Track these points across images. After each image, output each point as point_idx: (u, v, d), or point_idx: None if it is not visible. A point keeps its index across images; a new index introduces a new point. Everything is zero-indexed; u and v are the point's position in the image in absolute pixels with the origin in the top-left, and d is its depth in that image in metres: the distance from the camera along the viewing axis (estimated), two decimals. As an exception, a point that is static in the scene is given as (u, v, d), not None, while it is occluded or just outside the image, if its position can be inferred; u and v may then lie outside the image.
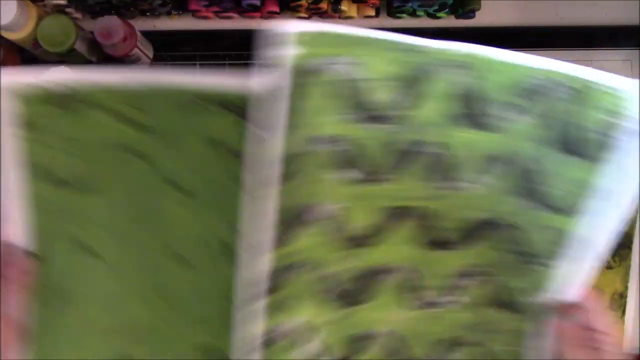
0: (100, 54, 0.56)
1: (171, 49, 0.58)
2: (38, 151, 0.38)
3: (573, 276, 0.37)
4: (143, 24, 0.58)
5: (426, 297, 0.40)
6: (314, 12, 0.56)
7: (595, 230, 0.36)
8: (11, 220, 0.37)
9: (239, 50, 0.58)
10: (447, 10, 0.56)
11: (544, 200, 0.36)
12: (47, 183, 0.39)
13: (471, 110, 0.35)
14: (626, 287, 0.55)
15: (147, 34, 0.56)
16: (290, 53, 0.32)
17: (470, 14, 0.57)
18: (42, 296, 0.39)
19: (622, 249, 0.55)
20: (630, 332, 0.55)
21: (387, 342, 0.42)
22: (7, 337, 0.36)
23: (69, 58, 0.52)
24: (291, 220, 0.37)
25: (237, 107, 0.39)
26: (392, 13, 0.57)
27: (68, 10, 0.54)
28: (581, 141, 0.36)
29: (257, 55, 0.36)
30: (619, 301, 0.55)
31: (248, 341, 0.43)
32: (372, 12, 0.57)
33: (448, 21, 0.58)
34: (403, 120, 0.34)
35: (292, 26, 0.31)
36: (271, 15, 0.57)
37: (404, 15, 0.57)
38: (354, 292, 0.40)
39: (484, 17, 0.58)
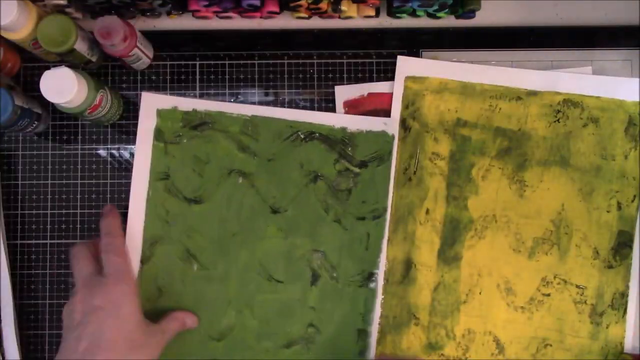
0: (100, 54, 0.56)
1: (171, 49, 0.58)
2: (166, 163, 0.46)
3: None
4: (143, 24, 0.58)
5: None
6: (314, 12, 0.56)
7: None
8: (131, 220, 0.45)
9: (239, 50, 0.58)
10: (447, 10, 0.56)
11: None
12: (168, 192, 0.48)
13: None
14: (627, 287, 0.55)
15: (147, 34, 0.56)
16: None
17: (470, 14, 0.57)
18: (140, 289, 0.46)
19: (622, 248, 0.55)
20: (631, 331, 0.55)
21: None
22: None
23: (69, 58, 0.52)
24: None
25: (327, 138, 0.51)
26: (392, 13, 0.57)
27: (68, 10, 0.54)
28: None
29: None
30: (620, 300, 0.55)
31: None
32: (372, 12, 0.57)
33: (448, 21, 0.58)
34: None
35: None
36: (271, 15, 0.57)
37: (404, 15, 0.57)
38: None
39: (484, 17, 0.58)
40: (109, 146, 0.57)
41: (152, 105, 0.49)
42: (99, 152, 0.57)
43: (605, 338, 0.55)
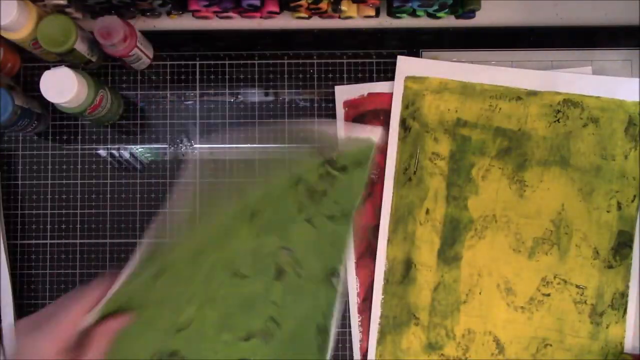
0: (100, 54, 0.56)
1: (171, 49, 0.58)
2: None
3: None
4: (143, 24, 0.58)
5: None
6: (314, 12, 0.56)
7: None
8: None
9: (239, 50, 0.58)
10: (447, 10, 0.56)
11: None
12: None
13: None
14: (627, 287, 0.55)
15: (147, 34, 0.56)
16: None
17: (470, 14, 0.57)
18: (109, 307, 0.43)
19: (622, 248, 0.55)
20: (631, 331, 0.55)
21: None
22: None
23: (69, 58, 0.52)
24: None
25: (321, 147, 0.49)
26: (392, 13, 0.57)
27: (68, 10, 0.54)
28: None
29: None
30: (620, 300, 0.55)
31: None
32: (372, 12, 0.57)
33: (448, 21, 0.58)
34: None
35: None
36: (271, 15, 0.57)
37: (404, 15, 0.57)
38: None
39: (484, 17, 0.58)
40: (109, 146, 0.57)
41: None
42: (99, 152, 0.57)
43: (605, 338, 0.55)
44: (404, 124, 0.56)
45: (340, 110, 0.57)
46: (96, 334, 0.41)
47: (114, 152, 0.57)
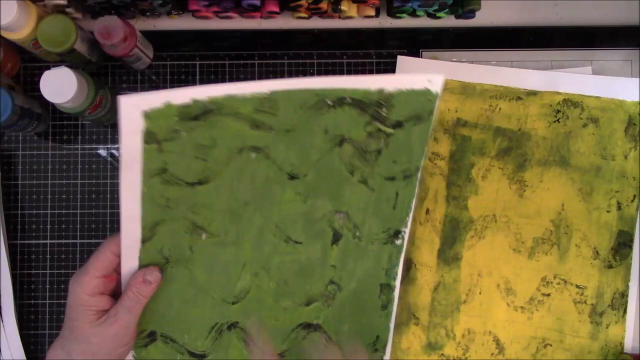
0: (100, 54, 0.56)
1: (171, 49, 0.58)
2: (162, 159, 0.41)
3: None
4: (143, 24, 0.58)
5: None
6: (314, 12, 0.56)
7: None
8: (125, 218, 0.42)
9: (239, 50, 0.58)
10: (447, 10, 0.56)
11: None
12: (166, 184, 0.42)
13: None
14: (627, 287, 0.55)
15: (147, 34, 0.56)
16: None
17: (470, 14, 0.57)
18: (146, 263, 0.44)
19: (622, 248, 0.55)
20: (631, 331, 0.55)
21: None
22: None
23: (69, 58, 0.52)
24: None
25: (360, 102, 0.45)
26: (392, 13, 0.57)
27: (68, 10, 0.54)
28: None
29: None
30: (620, 300, 0.55)
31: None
32: (372, 12, 0.57)
33: (448, 21, 0.58)
34: None
35: None
36: (271, 15, 0.57)
37: (404, 15, 0.57)
38: None
39: (484, 17, 0.58)
40: (109, 146, 0.57)
41: (135, 108, 0.39)
42: (99, 152, 0.57)
43: (605, 338, 0.55)
44: (404, 124, 0.56)
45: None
46: (130, 282, 0.42)
47: (114, 152, 0.57)
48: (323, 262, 0.47)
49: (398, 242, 0.49)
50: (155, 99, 0.40)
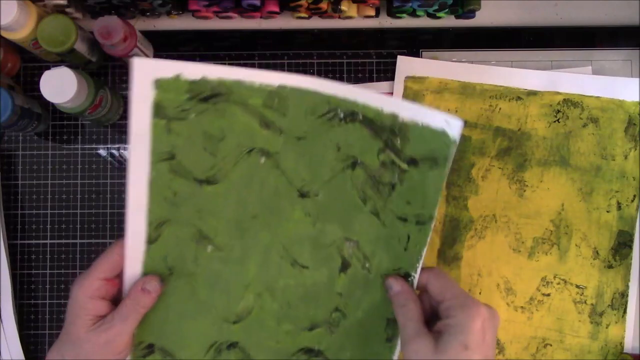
0: (100, 54, 0.56)
1: (171, 49, 0.58)
2: (170, 142, 0.39)
3: None
4: (143, 24, 0.58)
5: None
6: (314, 12, 0.56)
7: None
8: (132, 205, 0.39)
9: (239, 50, 0.58)
10: (447, 10, 0.56)
11: None
12: (174, 173, 0.41)
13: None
14: (627, 287, 0.55)
15: (147, 34, 0.56)
16: None
17: (470, 14, 0.57)
18: (148, 270, 0.42)
19: (622, 248, 0.55)
20: (631, 331, 0.55)
21: None
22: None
23: (69, 58, 0.52)
24: None
25: (372, 122, 0.43)
26: (392, 13, 0.57)
27: (68, 10, 0.54)
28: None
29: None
30: (620, 300, 0.55)
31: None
32: (372, 12, 0.57)
33: (448, 21, 0.58)
34: None
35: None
36: (271, 15, 0.57)
37: (404, 15, 0.57)
38: None
39: (484, 17, 0.58)
40: (109, 146, 0.57)
41: (147, 74, 0.38)
42: (99, 152, 0.57)
43: (605, 338, 0.55)
44: (404, 124, 0.56)
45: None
46: (129, 291, 0.41)
47: (114, 152, 0.57)
48: (329, 289, 0.45)
49: (409, 280, 0.47)
50: (168, 67, 0.39)
